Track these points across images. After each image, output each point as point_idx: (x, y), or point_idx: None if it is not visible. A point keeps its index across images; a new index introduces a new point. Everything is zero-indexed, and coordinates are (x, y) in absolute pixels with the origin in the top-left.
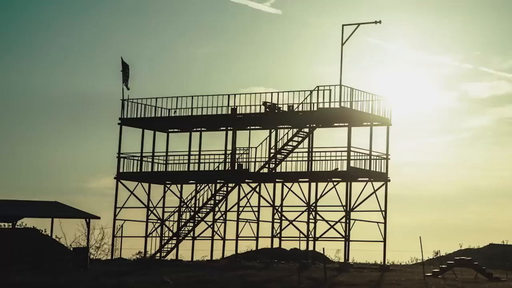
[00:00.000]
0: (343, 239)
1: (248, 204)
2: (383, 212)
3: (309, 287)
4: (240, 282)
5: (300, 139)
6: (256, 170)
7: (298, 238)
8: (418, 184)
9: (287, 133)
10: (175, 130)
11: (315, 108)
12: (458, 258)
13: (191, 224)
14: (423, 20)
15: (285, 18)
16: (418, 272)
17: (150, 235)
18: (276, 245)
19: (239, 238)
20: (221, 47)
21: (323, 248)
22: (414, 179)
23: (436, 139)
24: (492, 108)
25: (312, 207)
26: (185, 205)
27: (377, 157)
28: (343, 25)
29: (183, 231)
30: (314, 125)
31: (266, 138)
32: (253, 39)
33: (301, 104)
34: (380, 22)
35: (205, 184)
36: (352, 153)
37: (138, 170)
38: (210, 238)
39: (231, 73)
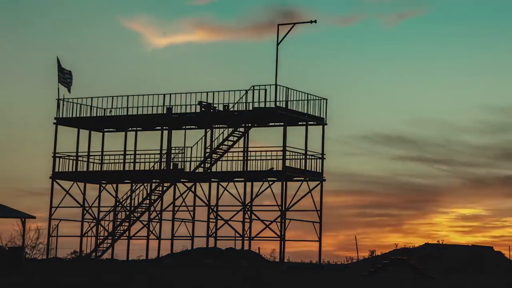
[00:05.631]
0: (279, 238)
1: (183, 204)
2: (319, 212)
3: (243, 287)
4: None
5: (235, 138)
6: (191, 170)
7: (233, 238)
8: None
9: (223, 132)
10: (110, 129)
11: (251, 108)
12: (393, 257)
13: (127, 224)
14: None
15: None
16: (353, 272)
17: (86, 235)
18: (211, 244)
19: (174, 238)
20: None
21: (259, 248)
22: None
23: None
24: None
25: (248, 207)
26: (120, 205)
27: (313, 157)
28: (278, 25)
29: (119, 231)
30: (249, 124)
31: (201, 138)
32: None
33: (236, 104)
34: (315, 21)
35: (141, 184)
36: (287, 153)
37: (74, 170)
38: (146, 238)
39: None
